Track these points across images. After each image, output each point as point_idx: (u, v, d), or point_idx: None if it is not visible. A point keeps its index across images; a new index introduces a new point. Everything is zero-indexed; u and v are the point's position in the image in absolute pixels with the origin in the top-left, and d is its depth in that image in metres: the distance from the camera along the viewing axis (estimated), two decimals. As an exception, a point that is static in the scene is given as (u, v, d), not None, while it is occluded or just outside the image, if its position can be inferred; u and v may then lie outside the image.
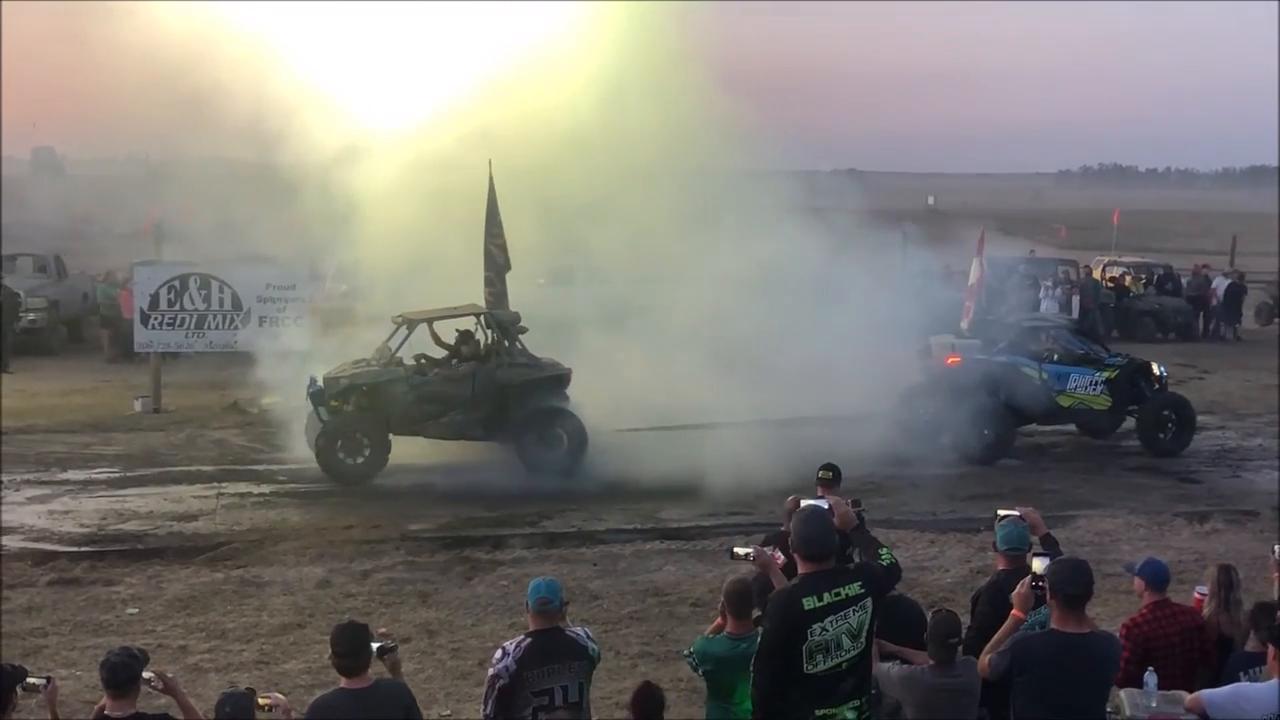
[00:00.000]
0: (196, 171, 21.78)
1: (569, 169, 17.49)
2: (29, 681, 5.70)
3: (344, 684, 5.73)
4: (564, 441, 15.95)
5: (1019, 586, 6.29)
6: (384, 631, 6.08)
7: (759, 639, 5.71)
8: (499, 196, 16.76)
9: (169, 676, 5.88)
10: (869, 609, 5.63)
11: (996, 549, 7.05)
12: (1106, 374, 17.77)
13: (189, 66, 17.78)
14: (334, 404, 15.84)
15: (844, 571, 5.76)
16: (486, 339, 16.49)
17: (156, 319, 19.23)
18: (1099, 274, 32.94)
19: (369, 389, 15.92)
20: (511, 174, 16.80)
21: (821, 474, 8.71)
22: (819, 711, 5.55)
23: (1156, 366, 18.57)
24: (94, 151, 36.82)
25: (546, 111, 17.84)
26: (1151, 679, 6.37)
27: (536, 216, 17.81)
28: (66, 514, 14.21)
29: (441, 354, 16.65)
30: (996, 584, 6.87)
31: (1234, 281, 32.68)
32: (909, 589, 8.87)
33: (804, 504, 6.28)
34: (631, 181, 17.74)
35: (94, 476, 15.86)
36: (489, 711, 6.09)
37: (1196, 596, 7.27)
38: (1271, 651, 6.02)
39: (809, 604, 5.48)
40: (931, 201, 68.55)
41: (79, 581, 11.82)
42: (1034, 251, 34.07)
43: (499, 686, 6.02)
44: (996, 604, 6.62)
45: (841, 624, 5.53)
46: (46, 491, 15.12)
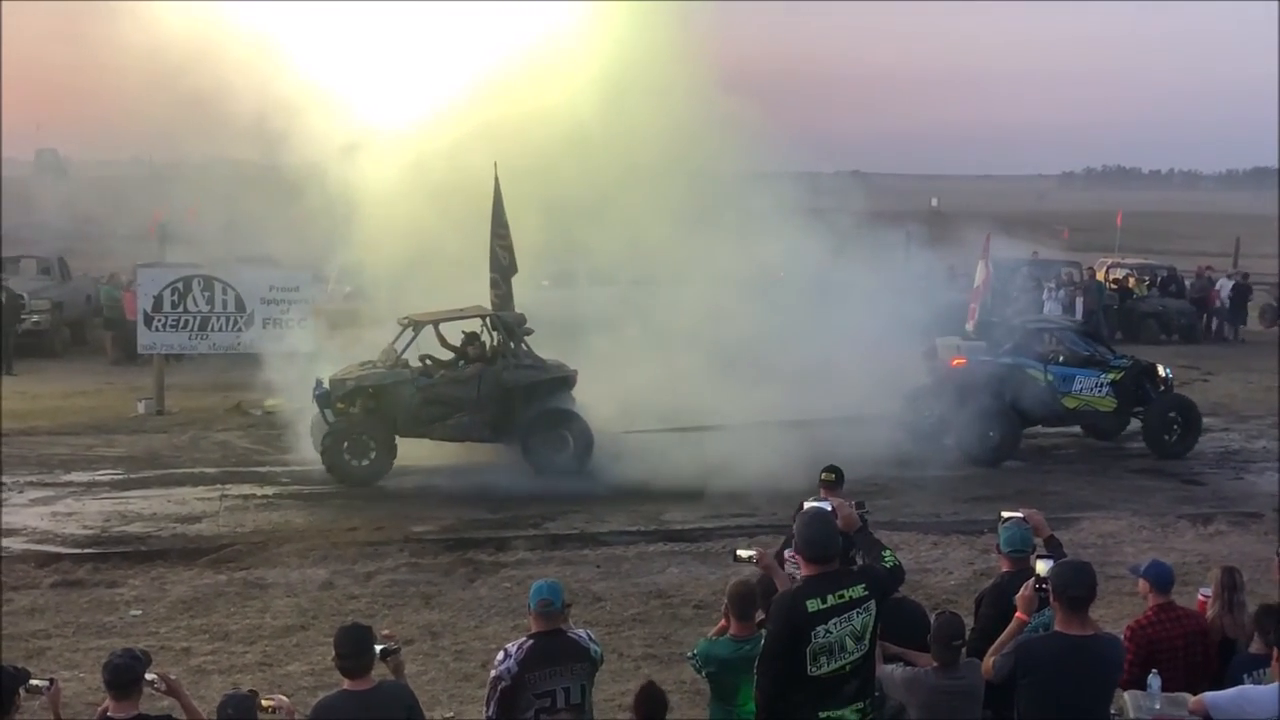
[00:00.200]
0: (200, 172, 21.79)
1: (570, 169, 17.45)
2: (32, 683, 5.70)
3: (347, 686, 5.73)
4: (570, 443, 15.95)
5: (1023, 589, 6.27)
6: (387, 633, 6.06)
7: (762, 641, 5.72)
8: (503, 197, 16.76)
9: (172, 678, 5.87)
10: (873, 611, 5.61)
11: (1000, 551, 7.03)
12: (1112, 376, 17.70)
13: (191, 67, 17.76)
14: (340, 406, 15.83)
15: (847, 574, 5.75)
16: (492, 341, 16.48)
17: (160, 321, 19.23)
18: (1102, 275, 32.89)
19: (375, 391, 15.91)
20: (513, 174, 16.76)
21: (824, 476, 8.72)
22: (823, 714, 5.54)
23: (1162, 368, 18.50)
24: (97, 153, 36.91)
25: (548, 111, 17.80)
26: (1155, 681, 6.35)
27: (538, 217, 17.77)
28: (70, 516, 14.21)
29: (447, 356, 16.66)
30: (1000, 586, 6.85)
31: (1239, 282, 32.65)
32: (912, 591, 8.85)
33: (807, 506, 6.28)
34: (633, 182, 17.70)
35: (97, 478, 15.85)
36: (491, 713, 6.08)
37: (1200, 598, 7.25)
38: (1275, 654, 6.01)
39: (812, 606, 5.47)
40: (935, 203, 68.41)
41: (82, 583, 11.83)
42: (1037, 253, 34.03)
43: (501, 688, 6.02)
44: (1000, 606, 6.61)
45: (845, 626, 5.52)
46: (50, 493, 15.12)
